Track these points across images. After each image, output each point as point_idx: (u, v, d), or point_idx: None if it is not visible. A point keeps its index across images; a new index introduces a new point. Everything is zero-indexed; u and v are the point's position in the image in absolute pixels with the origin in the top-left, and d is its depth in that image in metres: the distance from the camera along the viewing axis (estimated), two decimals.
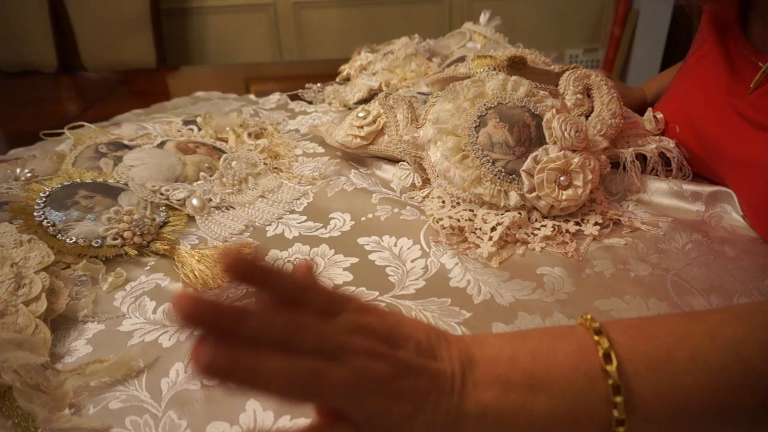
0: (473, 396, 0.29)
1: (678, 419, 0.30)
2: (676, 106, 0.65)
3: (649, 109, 0.67)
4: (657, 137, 0.64)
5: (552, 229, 0.55)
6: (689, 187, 0.59)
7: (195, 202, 0.62)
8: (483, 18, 1.07)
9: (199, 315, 0.25)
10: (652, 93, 0.81)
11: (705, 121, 0.59)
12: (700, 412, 0.30)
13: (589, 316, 0.32)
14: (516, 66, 0.66)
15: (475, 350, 0.31)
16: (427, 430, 0.29)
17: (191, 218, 0.62)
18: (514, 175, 0.56)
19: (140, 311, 0.48)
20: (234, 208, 0.63)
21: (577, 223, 0.56)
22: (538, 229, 0.55)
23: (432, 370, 0.29)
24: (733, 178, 0.56)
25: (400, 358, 0.29)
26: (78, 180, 0.62)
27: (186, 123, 0.83)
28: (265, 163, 0.72)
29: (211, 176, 0.67)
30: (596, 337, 0.31)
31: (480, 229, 0.55)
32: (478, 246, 0.53)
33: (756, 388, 0.30)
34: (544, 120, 0.58)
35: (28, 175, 0.67)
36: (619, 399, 0.29)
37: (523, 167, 0.55)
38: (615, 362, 0.29)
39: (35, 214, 0.56)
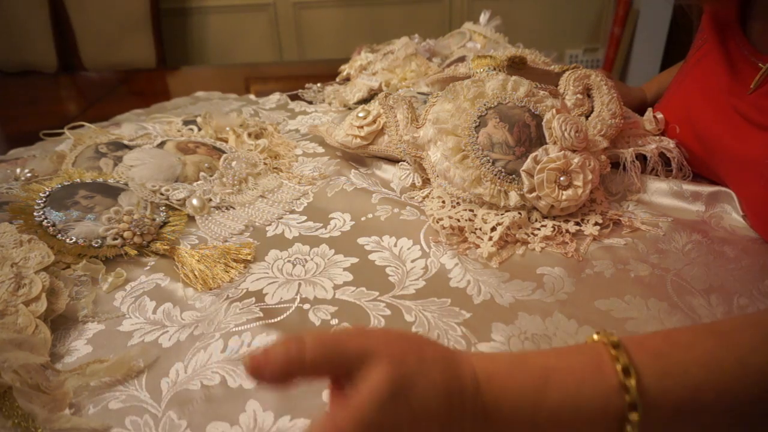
0: None
1: None
2: (676, 106, 0.65)
3: (649, 109, 0.67)
4: (657, 137, 0.64)
5: (552, 229, 0.55)
6: (689, 187, 0.59)
7: (195, 202, 0.62)
8: (483, 18, 1.07)
9: None
10: (652, 93, 0.81)
11: (705, 122, 0.59)
12: None
13: (615, 339, 0.31)
14: (516, 66, 0.66)
15: (490, 402, 0.30)
16: None
17: (191, 218, 0.62)
18: (514, 175, 0.56)
19: (140, 311, 0.48)
20: (234, 208, 0.63)
21: (577, 223, 0.56)
22: (538, 229, 0.55)
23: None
24: (733, 178, 0.56)
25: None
26: (78, 180, 0.62)
27: (186, 123, 0.83)
28: (265, 163, 0.72)
29: (211, 176, 0.67)
30: (624, 380, 0.29)
31: (480, 229, 0.55)
32: (478, 246, 0.53)
33: None
34: (544, 120, 0.58)
35: (28, 175, 0.67)
36: None
37: (523, 167, 0.55)
38: (639, 415, 0.29)
39: (35, 214, 0.56)
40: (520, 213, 0.56)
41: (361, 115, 0.69)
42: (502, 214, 0.56)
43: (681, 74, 0.67)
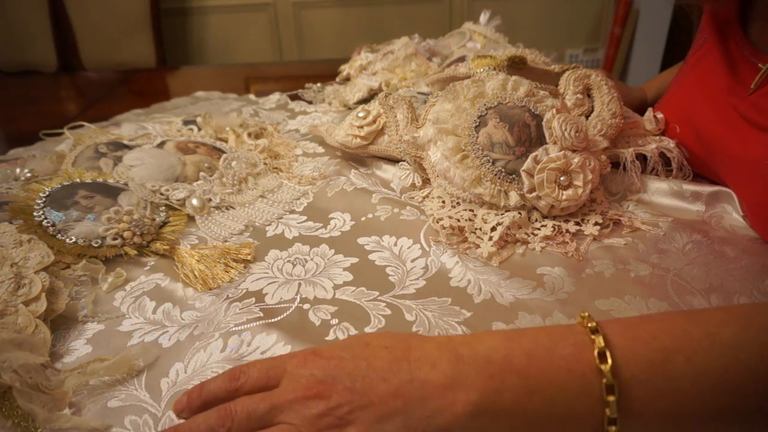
0: (461, 397, 0.29)
1: (673, 421, 0.30)
2: (676, 106, 0.65)
3: (650, 109, 0.66)
4: (657, 137, 0.64)
5: (552, 229, 0.55)
6: (689, 187, 0.59)
7: (195, 202, 0.62)
8: (483, 18, 1.07)
9: None
10: (652, 93, 0.81)
11: (706, 122, 0.59)
12: (697, 415, 0.30)
13: (586, 314, 0.32)
14: (516, 66, 0.66)
15: (464, 350, 0.31)
16: None
17: (191, 218, 0.62)
18: (514, 175, 0.56)
19: (140, 311, 0.48)
20: (234, 208, 0.63)
21: (577, 223, 0.56)
22: (538, 229, 0.55)
23: (389, 385, 0.30)
24: (733, 179, 0.56)
25: (338, 389, 0.30)
26: (78, 180, 0.62)
27: (186, 123, 0.83)
28: (265, 163, 0.72)
29: (211, 176, 0.67)
30: (593, 337, 0.31)
31: (480, 229, 0.55)
32: (478, 246, 0.53)
33: (753, 391, 0.30)
34: (544, 120, 0.58)
35: (28, 175, 0.67)
36: (611, 398, 0.29)
37: (523, 167, 0.55)
38: (610, 362, 0.30)
39: (35, 214, 0.56)
40: (520, 213, 0.56)
41: (361, 115, 0.69)
42: (502, 214, 0.56)
43: (681, 74, 0.67)
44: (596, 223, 0.55)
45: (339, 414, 0.29)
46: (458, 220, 0.56)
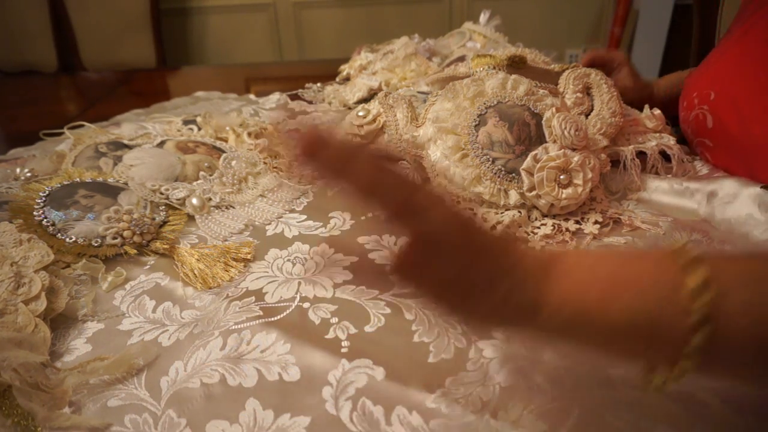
0: (552, 288, 0.30)
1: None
2: (714, 75, 0.63)
3: (646, 105, 0.66)
4: (657, 134, 0.64)
5: (552, 227, 0.55)
6: (689, 186, 0.59)
7: (195, 201, 0.62)
8: (483, 18, 1.07)
9: None
10: (660, 89, 0.80)
11: (749, 90, 0.57)
12: None
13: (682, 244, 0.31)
14: (516, 65, 0.66)
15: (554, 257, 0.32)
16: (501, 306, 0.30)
17: (191, 217, 0.62)
18: (513, 174, 0.56)
19: (140, 310, 0.48)
20: (234, 208, 0.63)
21: (577, 222, 0.56)
22: (538, 227, 0.55)
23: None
24: (765, 150, 0.55)
25: None
26: (78, 179, 0.62)
27: (186, 123, 0.83)
28: (264, 163, 0.72)
29: (210, 175, 0.67)
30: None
31: None
32: None
33: None
34: (544, 119, 0.58)
35: (28, 174, 0.67)
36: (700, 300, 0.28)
37: (523, 166, 0.55)
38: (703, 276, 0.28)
39: (35, 213, 0.56)
40: (520, 211, 0.56)
41: (360, 114, 0.69)
42: (502, 213, 0.56)
43: (724, 46, 0.64)
44: (596, 222, 0.55)
45: None
46: None
